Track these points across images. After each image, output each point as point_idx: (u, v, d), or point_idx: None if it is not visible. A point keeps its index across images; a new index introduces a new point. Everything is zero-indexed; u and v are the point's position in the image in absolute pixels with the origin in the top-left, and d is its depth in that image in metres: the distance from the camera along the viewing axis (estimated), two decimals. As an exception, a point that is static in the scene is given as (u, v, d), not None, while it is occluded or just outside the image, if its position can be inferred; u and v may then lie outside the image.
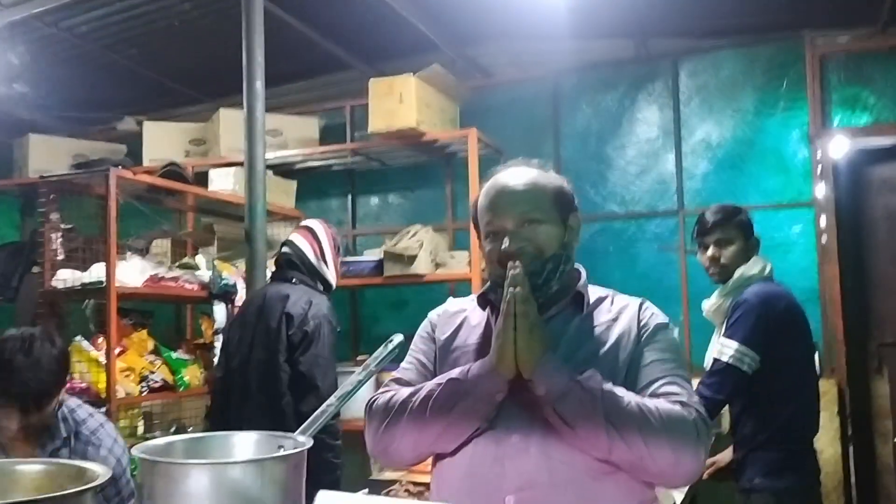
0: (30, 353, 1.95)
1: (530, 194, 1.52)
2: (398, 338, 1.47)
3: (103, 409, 3.03)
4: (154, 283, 3.34)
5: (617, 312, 1.52)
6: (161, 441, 1.27)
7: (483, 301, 1.59)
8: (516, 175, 1.55)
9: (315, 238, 3.02)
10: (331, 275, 3.05)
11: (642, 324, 1.49)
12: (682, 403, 1.37)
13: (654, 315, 1.52)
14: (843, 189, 4.00)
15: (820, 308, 3.87)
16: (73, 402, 2.14)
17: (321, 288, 3.01)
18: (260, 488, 1.11)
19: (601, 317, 1.51)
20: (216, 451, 1.28)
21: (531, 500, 1.36)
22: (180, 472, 1.12)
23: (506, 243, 1.48)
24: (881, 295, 3.98)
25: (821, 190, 3.97)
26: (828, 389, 3.59)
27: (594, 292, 1.56)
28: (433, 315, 1.67)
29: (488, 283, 1.60)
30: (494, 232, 1.51)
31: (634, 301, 1.55)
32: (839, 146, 3.99)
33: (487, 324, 1.55)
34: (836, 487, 3.74)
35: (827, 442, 3.70)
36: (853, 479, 3.83)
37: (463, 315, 1.62)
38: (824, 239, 3.95)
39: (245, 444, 1.30)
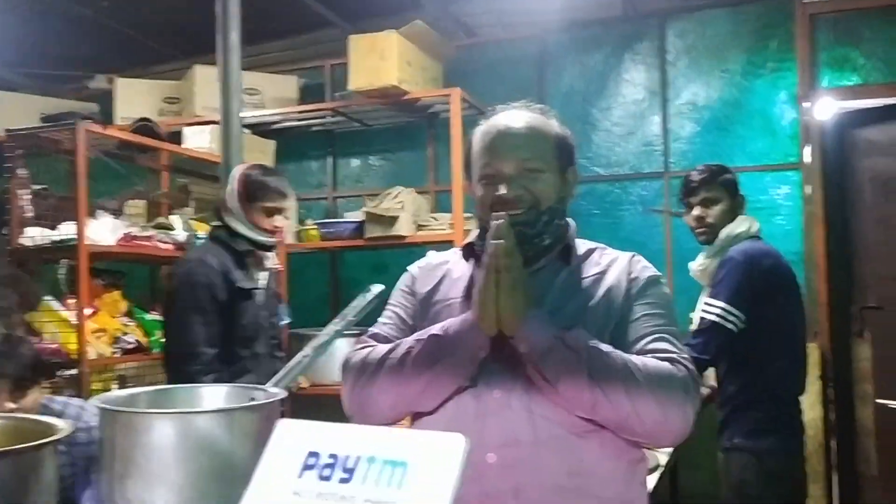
0: (9, 340, 2.10)
1: (533, 140, 1.44)
2: (377, 287, 1.41)
3: (74, 371, 2.97)
4: (127, 242, 3.25)
5: (606, 265, 1.45)
6: (124, 392, 1.20)
7: (468, 252, 1.52)
8: (519, 118, 1.46)
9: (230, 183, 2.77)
10: (237, 222, 2.70)
11: (632, 277, 1.43)
12: (671, 360, 1.31)
13: (646, 268, 1.46)
14: (830, 151, 3.96)
15: (804, 271, 3.85)
16: (43, 400, 2.15)
17: (234, 243, 2.70)
18: (229, 440, 1.04)
19: (590, 269, 1.45)
20: (183, 402, 1.21)
21: (513, 457, 1.31)
22: (143, 422, 1.05)
23: (502, 189, 1.40)
24: (865, 258, 3.96)
25: (808, 152, 3.93)
26: (810, 352, 3.58)
27: (583, 245, 1.50)
28: (414, 268, 1.59)
29: (476, 232, 1.54)
30: (490, 175, 1.43)
31: (625, 254, 1.48)
32: (827, 108, 3.93)
33: (472, 276, 1.48)
34: (817, 450, 3.76)
35: (808, 405, 3.70)
36: (833, 442, 3.85)
37: (445, 267, 1.54)
38: (810, 202, 3.92)
39: (214, 395, 1.24)
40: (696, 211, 2.68)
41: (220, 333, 2.58)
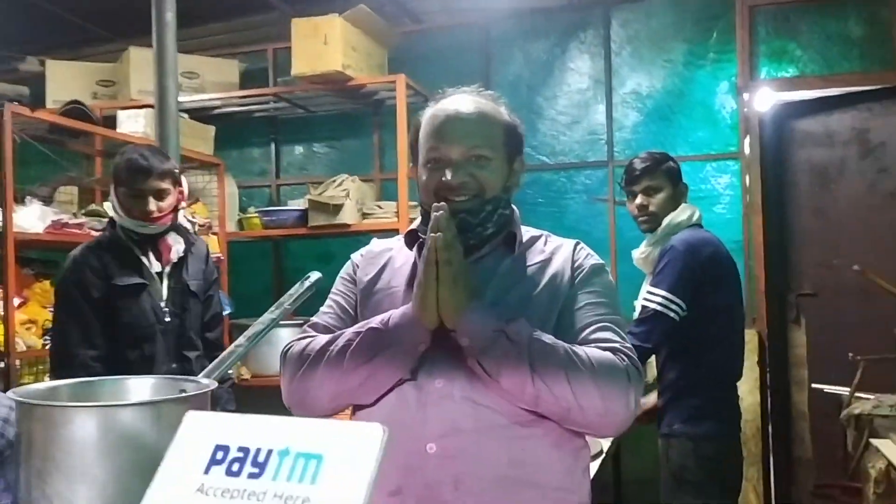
0: None
1: (482, 126, 1.41)
2: (315, 275, 1.37)
3: (2, 364, 2.85)
4: (57, 230, 3.12)
5: (550, 253, 1.44)
6: (42, 385, 1.14)
7: (411, 239, 1.49)
8: (469, 103, 1.43)
9: None
10: (112, 210, 2.51)
11: (577, 265, 1.42)
12: (613, 350, 1.30)
13: (590, 256, 1.45)
14: (769, 141, 4.04)
15: (744, 259, 3.93)
16: None
17: (121, 234, 2.46)
18: (156, 434, 0.99)
19: (533, 257, 1.44)
20: (107, 396, 1.16)
21: (454, 448, 1.28)
22: (62, 416, 0.99)
23: (448, 175, 1.37)
24: (801, 247, 4.06)
25: (747, 142, 4.00)
26: (749, 339, 3.66)
27: (526, 232, 1.48)
28: (356, 256, 1.56)
29: (418, 219, 1.51)
30: (437, 160, 1.40)
31: (569, 242, 1.47)
32: (765, 99, 4.01)
33: (414, 264, 1.45)
34: (755, 434, 3.84)
35: (747, 390, 3.79)
36: (770, 426, 3.94)
37: (388, 255, 1.51)
38: (749, 191, 4.00)
39: (141, 388, 1.18)
40: (639, 199, 2.69)
41: (102, 334, 2.36)
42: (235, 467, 0.63)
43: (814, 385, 3.73)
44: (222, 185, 4.13)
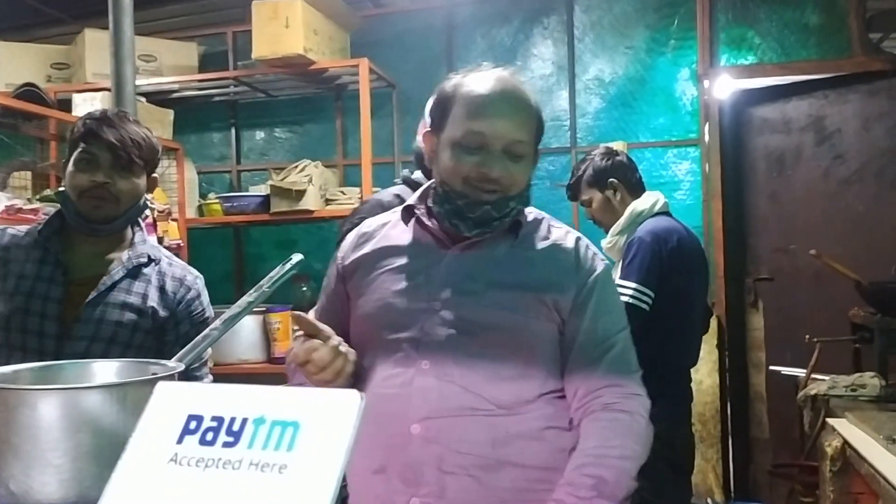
0: (125, 118, 1.79)
1: (527, 120, 1.37)
2: (297, 257, 1.33)
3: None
4: (11, 216, 3.03)
5: (553, 243, 1.42)
6: (7, 369, 1.11)
7: (407, 214, 1.45)
8: (518, 90, 1.37)
9: None
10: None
11: (585, 266, 1.40)
12: (629, 396, 1.37)
13: (596, 256, 1.44)
14: (728, 128, 4.10)
15: (704, 245, 3.98)
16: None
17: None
18: (123, 418, 0.97)
19: (537, 245, 1.41)
20: (73, 379, 1.13)
21: (437, 429, 1.28)
22: (26, 399, 0.97)
23: (488, 166, 1.32)
24: (758, 232, 4.14)
25: (707, 129, 4.05)
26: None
27: (529, 214, 1.46)
28: (351, 236, 1.52)
29: (419, 194, 1.47)
30: (478, 145, 1.34)
31: (571, 235, 1.45)
32: (724, 86, 4.07)
33: (415, 242, 1.42)
34: (714, 415, 3.92)
35: (706, 373, 3.86)
36: (728, 408, 4.02)
37: (382, 231, 1.48)
38: (709, 178, 4.05)
39: (107, 371, 1.16)
40: (585, 210, 2.78)
41: None
42: (210, 436, 0.62)
43: (771, 367, 3.80)
44: (181, 171, 4.05)
